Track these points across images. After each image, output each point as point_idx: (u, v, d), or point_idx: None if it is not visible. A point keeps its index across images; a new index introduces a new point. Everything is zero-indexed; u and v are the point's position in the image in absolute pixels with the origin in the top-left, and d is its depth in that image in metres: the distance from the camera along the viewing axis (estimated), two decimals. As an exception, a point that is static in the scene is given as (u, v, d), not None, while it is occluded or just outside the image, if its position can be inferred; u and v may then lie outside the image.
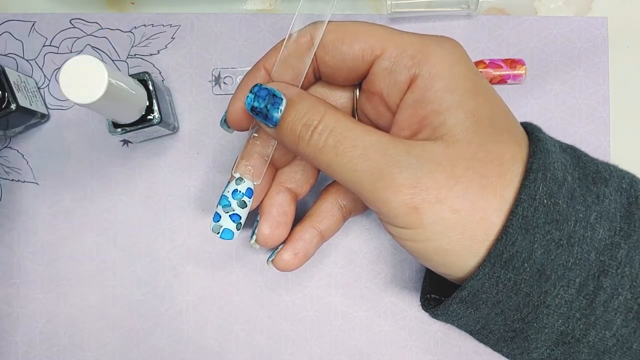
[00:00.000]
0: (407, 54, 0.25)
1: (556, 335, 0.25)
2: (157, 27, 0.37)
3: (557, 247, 0.23)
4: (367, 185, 0.23)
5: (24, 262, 0.36)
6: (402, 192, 0.23)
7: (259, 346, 0.36)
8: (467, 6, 0.37)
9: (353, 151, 0.23)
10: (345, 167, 0.24)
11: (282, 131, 0.25)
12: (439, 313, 0.27)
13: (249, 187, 0.28)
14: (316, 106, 0.24)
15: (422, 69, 0.24)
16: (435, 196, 0.23)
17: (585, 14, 0.38)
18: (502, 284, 0.24)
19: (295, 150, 0.25)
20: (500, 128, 0.24)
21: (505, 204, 0.23)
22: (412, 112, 0.25)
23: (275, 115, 0.24)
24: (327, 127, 0.24)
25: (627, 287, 0.24)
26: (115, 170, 0.37)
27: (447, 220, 0.23)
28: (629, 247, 0.24)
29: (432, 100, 0.24)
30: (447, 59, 0.24)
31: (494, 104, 0.25)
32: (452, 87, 0.24)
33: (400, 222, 0.24)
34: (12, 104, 0.33)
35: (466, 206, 0.23)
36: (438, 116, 0.24)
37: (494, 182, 0.23)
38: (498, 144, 0.24)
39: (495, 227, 0.23)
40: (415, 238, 0.24)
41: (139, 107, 0.33)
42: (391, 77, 0.25)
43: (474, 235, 0.23)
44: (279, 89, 0.25)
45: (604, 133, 0.37)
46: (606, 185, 0.24)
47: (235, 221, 0.28)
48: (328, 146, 0.24)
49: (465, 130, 0.24)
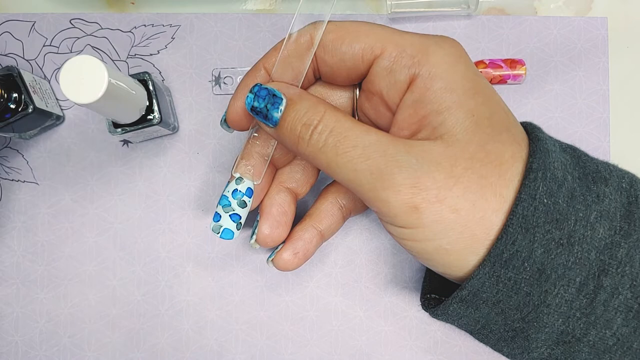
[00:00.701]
0: (407, 54, 0.25)
1: (556, 334, 0.25)
2: (157, 27, 0.38)
3: (557, 247, 0.23)
4: (366, 185, 0.23)
5: (24, 262, 0.36)
6: (402, 192, 0.23)
7: (259, 346, 0.36)
8: (467, 6, 0.37)
9: (353, 151, 0.23)
10: (345, 167, 0.24)
11: (282, 131, 0.25)
12: (439, 313, 0.27)
13: (249, 186, 0.28)
14: (316, 106, 0.24)
15: (422, 69, 0.24)
16: (434, 196, 0.23)
17: (585, 14, 0.38)
18: (502, 284, 0.24)
19: (295, 150, 0.25)
20: (500, 128, 0.24)
21: (505, 204, 0.23)
22: (411, 112, 0.25)
23: (275, 115, 0.25)
24: (327, 127, 0.24)
25: (628, 286, 0.24)
26: (115, 170, 0.37)
27: (446, 219, 0.23)
28: (629, 246, 0.24)
29: (432, 100, 0.24)
30: (447, 59, 0.24)
31: (493, 104, 0.25)
32: (452, 86, 0.24)
33: (400, 222, 0.24)
34: (30, 105, 0.33)
35: (466, 206, 0.23)
36: (437, 116, 0.24)
37: (493, 182, 0.23)
38: (497, 144, 0.24)
39: (495, 227, 0.23)
40: (415, 237, 0.24)
41: (139, 107, 0.33)
42: (391, 76, 0.25)
43: (473, 235, 0.23)
44: (278, 88, 0.25)
45: (604, 133, 0.37)
46: (606, 184, 0.24)
47: (235, 221, 0.28)
48: (328, 146, 0.24)
49: (464, 130, 0.24)
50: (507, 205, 0.23)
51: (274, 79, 0.27)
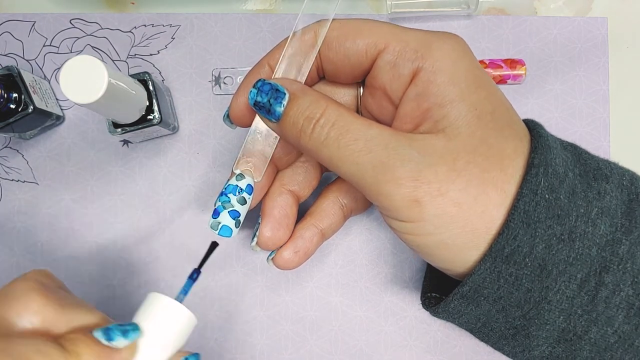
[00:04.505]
0: (411, 48, 0.25)
1: (558, 332, 0.25)
2: (157, 27, 0.38)
3: (559, 242, 0.23)
4: (368, 179, 0.23)
5: (24, 262, 0.36)
6: (404, 185, 0.23)
7: (259, 346, 0.36)
8: (467, 6, 0.37)
9: (355, 144, 0.23)
10: (347, 160, 0.24)
11: (285, 125, 0.25)
12: (440, 310, 0.27)
13: (249, 183, 0.28)
14: (318, 100, 0.24)
15: (425, 63, 0.24)
16: (436, 189, 0.23)
17: (585, 14, 0.38)
18: (503, 279, 0.24)
19: (297, 144, 0.25)
20: (502, 123, 0.24)
21: (506, 199, 0.23)
22: (414, 105, 0.25)
23: (278, 109, 0.25)
24: (329, 121, 0.24)
25: (629, 283, 0.24)
26: (115, 170, 0.37)
27: (448, 213, 0.23)
28: (631, 243, 0.24)
29: (435, 93, 0.24)
30: (450, 53, 0.24)
31: (496, 99, 0.25)
32: (455, 80, 0.24)
33: (402, 216, 0.24)
34: (30, 105, 0.33)
35: (467, 200, 0.23)
36: (440, 109, 0.24)
37: (495, 176, 0.23)
38: (500, 138, 0.24)
39: (496, 222, 0.23)
40: (416, 232, 0.24)
41: (139, 107, 0.33)
42: (394, 70, 0.25)
43: (475, 229, 0.23)
44: (282, 83, 0.25)
45: (604, 133, 0.37)
46: (607, 181, 0.24)
47: (234, 218, 0.28)
48: (330, 139, 0.24)
49: (467, 123, 0.24)
50: (509, 200, 0.23)
51: (278, 76, 0.27)
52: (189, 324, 0.25)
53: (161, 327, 0.24)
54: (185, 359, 0.25)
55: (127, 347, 0.24)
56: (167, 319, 0.25)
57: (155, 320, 0.25)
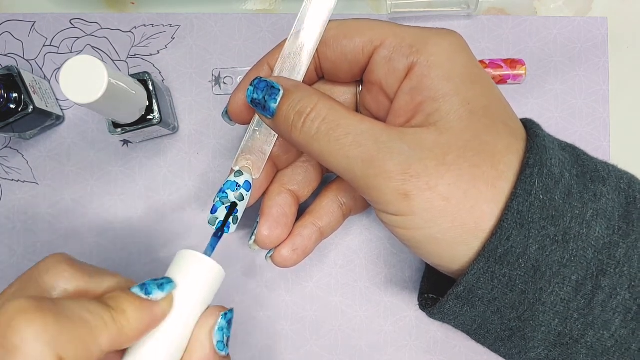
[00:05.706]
0: (406, 43, 0.25)
1: (554, 336, 0.25)
2: (157, 27, 0.38)
3: (552, 243, 0.23)
4: (358, 172, 0.23)
5: (24, 262, 0.36)
6: (393, 179, 0.23)
7: (259, 346, 0.36)
8: (467, 6, 0.37)
9: (345, 138, 0.23)
10: (337, 154, 0.24)
11: (278, 120, 0.25)
12: (436, 312, 0.27)
13: (247, 180, 0.28)
14: (310, 95, 0.25)
15: (421, 57, 0.24)
16: (425, 183, 0.23)
17: (585, 14, 0.38)
18: (497, 280, 0.24)
19: (289, 138, 0.25)
20: (496, 119, 0.24)
21: (497, 195, 0.23)
22: (408, 99, 0.25)
23: (272, 105, 0.25)
24: (320, 115, 0.24)
25: (626, 287, 0.23)
26: (115, 170, 0.37)
27: (437, 207, 0.23)
28: (628, 247, 0.24)
29: (429, 87, 0.24)
30: (446, 49, 0.25)
31: (491, 96, 0.25)
32: (450, 75, 0.24)
33: (392, 209, 0.24)
34: (30, 105, 0.33)
35: (457, 195, 0.23)
36: (433, 103, 0.24)
37: (486, 172, 0.23)
38: (493, 134, 0.24)
39: (486, 217, 0.23)
40: (406, 225, 0.24)
41: (139, 107, 0.33)
42: (390, 65, 0.25)
43: (464, 224, 0.23)
44: (277, 80, 0.25)
45: (604, 133, 0.37)
46: (604, 184, 0.24)
47: (232, 214, 0.28)
48: (320, 133, 0.24)
49: (459, 118, 0.24)
50: (500, 197, 0.23)
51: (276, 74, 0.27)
52: (219, 278, 0.26)
53: (193, 280, 0.25)
54: (224, 315, 0.25)
55: (165, 300, 0.24)
56: (198, 273, 0.25)
57: (188, 274, 0.25)
